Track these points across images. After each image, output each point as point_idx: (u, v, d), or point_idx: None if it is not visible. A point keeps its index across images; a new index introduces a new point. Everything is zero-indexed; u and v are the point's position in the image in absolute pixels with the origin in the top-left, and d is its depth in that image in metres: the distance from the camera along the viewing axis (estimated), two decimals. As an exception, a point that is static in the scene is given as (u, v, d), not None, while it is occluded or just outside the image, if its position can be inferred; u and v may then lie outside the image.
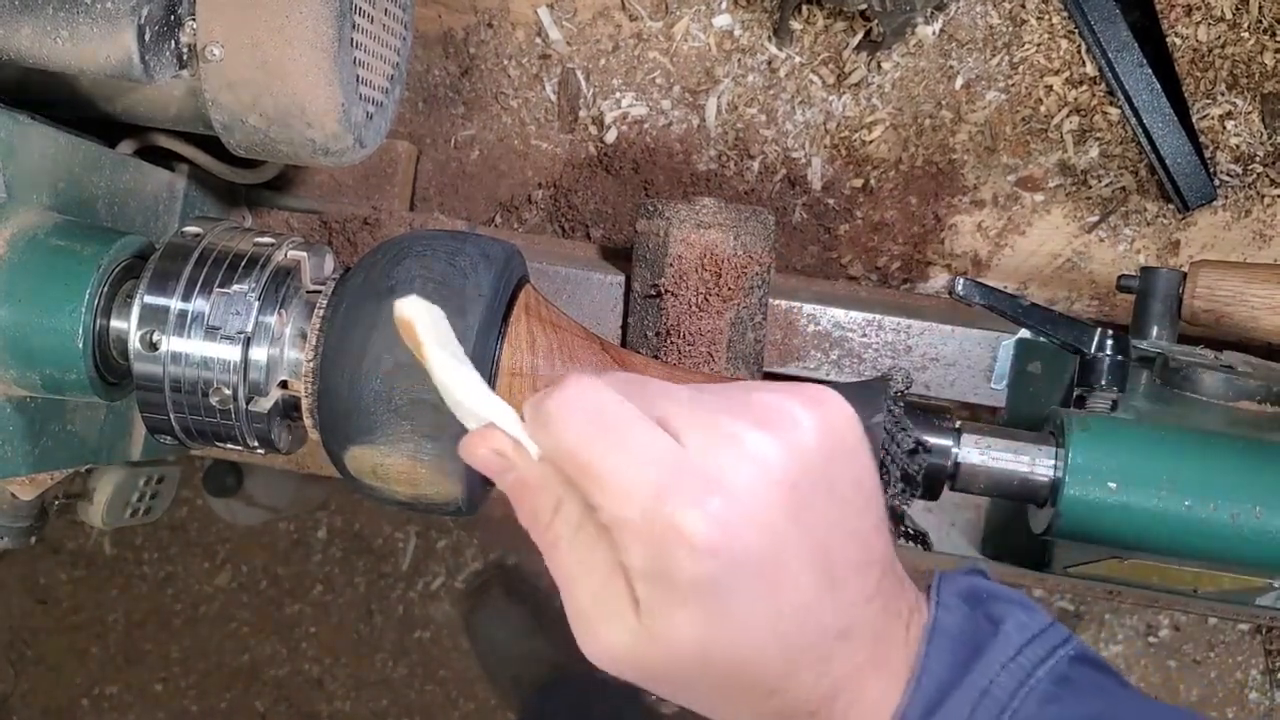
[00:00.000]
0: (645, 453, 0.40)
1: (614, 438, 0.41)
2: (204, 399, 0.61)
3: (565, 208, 1.03)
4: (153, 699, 1.90)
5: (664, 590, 0.40)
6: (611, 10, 1.01)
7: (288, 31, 0.65)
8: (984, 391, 0.90)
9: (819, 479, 0.42)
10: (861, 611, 0.44)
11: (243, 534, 1.87)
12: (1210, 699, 1.75)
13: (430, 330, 0.45)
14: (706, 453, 0.40)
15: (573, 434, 0.41)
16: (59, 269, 0.62)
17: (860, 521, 0.44)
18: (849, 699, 0.44)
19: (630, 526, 0.40)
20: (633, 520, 0.40)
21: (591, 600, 0.42)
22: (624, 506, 0.40)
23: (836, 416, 0.43)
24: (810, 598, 0.42)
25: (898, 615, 0.46)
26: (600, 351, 0.62)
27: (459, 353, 0.45)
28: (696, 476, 0.40)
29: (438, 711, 1.87)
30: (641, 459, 0.40)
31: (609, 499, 0.40)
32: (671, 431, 0.41)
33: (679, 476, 0.40)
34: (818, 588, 0.42)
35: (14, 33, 0.63)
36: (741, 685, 0.43)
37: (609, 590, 0.42)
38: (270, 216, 0.94)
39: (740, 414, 0.42)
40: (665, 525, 0.39)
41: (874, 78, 0.99)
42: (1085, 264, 1.01)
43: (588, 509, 0.42)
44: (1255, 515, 0.65)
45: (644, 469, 0.40)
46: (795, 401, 0.43)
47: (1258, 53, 0.96)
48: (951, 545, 0.92)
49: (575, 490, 0.42)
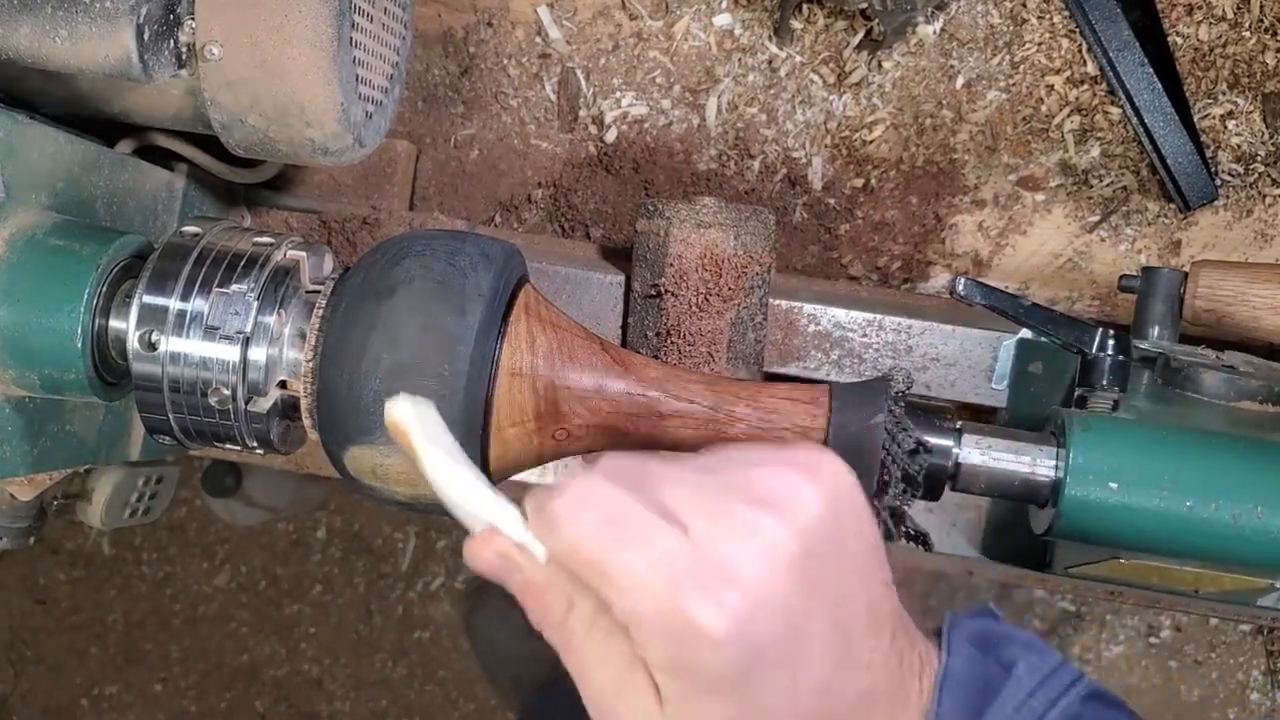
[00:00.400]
0: (655, 548, 0.40)
1: (622, 536, 0.41)
2: (203, 399, 0.61)
3: (565, 207, 1.03)
4: (152, 699, 1.90)
5: (687, 682, 0.41)
6: (612, 9, 1.00)
7: (287, 30, 0.65)
8: (985, 391, 0.90)
9: (827, 549, 0.42)
10: (878, 672, 0.44)
11: (242, 534, 1.87)
12: (1211, 700, 1.75)
13: (421, 430, 0.44)
14: (716, 541, 0.41)
15: (581, 535, 0.41)
16: (58, 268, 0.62)
17: (870, 582, 0.44)
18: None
19: (647, 623, 0.40)
20: (649, 617, 0.40)
21: (613, 692, 0.43)
22: (639, 604, 0.40)
23: (836, 481, 0.44)
24: (830, 670, 0.42)
25: (911, 668, 0.47)
26: (600, 352, 0.62)
27: (455, 450, 0.44)
28: (709, 569, 0.40)
29: (437, 712, 1.87)
30: (652, 555, 0.40)
31: (623, 597, 0.40)
32: (678, 520, 0.41)
33: (692, 570, 0.40)
34: (837, 659, 0.43)
35: (13, 32, 0.62)
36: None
37: (629, 681, 0.42)
38: (269, 216, 0.93)
39: (743, 494, 0.42)
40: (683, 621, 0.39)
41: (875, 77, 0.99)
42: (1086, 264, 1.01)
43: (600, 605, 0.42)
44: (1257, 515, 0.65)
45: (656, 566, 0.40)
46: (794, 474, 0.43)
47: (1259, 52, 0.96)
48: (952, 546, 0.92)
49: (586, 587, 0.42)
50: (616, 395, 0.60)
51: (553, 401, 0.60)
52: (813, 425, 0.59)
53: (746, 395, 0.60)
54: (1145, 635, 1.76)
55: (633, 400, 0.60)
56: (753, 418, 0.59)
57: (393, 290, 0.58)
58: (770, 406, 0.59)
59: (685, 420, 0.60)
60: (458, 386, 0.56)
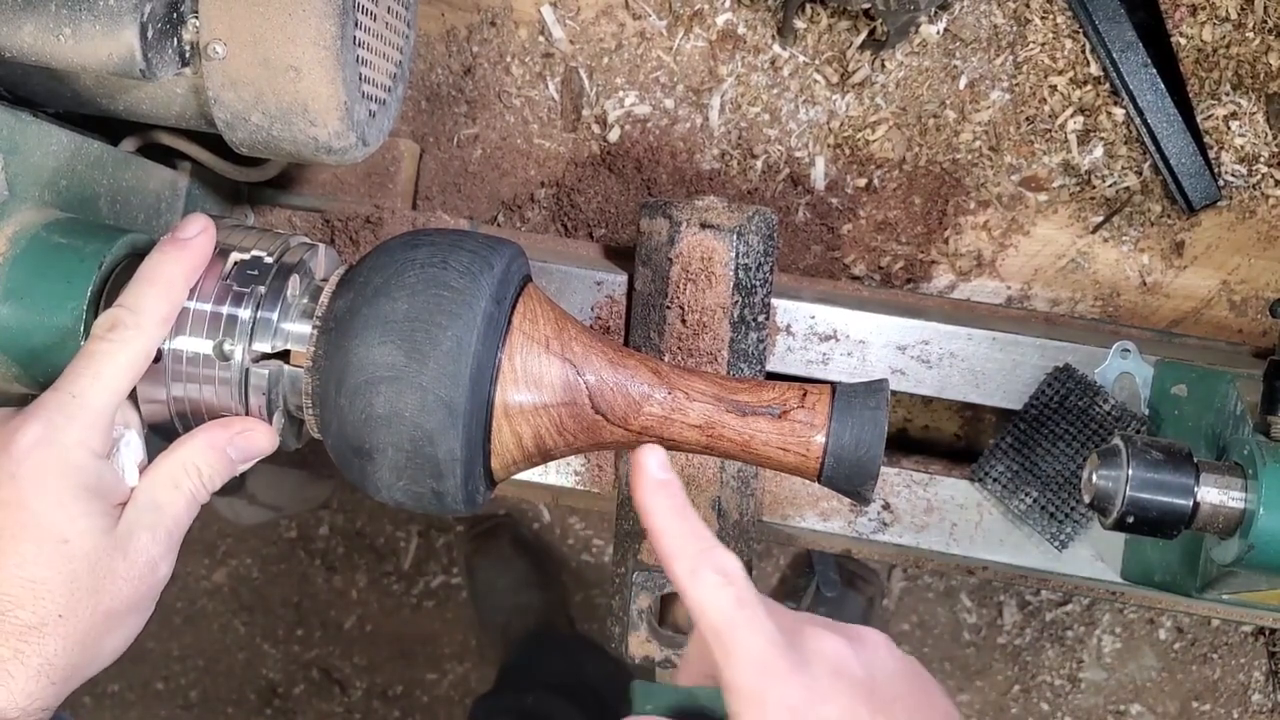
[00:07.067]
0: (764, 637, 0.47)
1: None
2: (205, 397, 0.61)
3: (568, 207, 1.03)
4: (154, 697, 1.90)
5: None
6: (615, 9, 1.00)
7: (290, 29, 0.65)
8: (985, 391, 0.90)
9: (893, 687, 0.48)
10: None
11: (244, 531, 1.87)
12: (1213, 700, 1.75)
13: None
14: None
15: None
16: (61, 266, 0.62)
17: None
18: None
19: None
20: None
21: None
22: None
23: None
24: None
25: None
26: (603, 351, 0.62)
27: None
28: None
29: (440, 709, 1.88)
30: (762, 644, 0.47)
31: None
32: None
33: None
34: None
35: (16, 30, 0.63)
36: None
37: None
38: (272, 214, 0.94)
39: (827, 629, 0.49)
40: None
41: (878, 77, 0.99)
42: (1089, 264, 1.01)
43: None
44: None
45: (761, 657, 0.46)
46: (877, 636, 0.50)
47: (1263, 53, 0.96)
48: (1096, 571, 0.90)
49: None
50: (619, 394, 0.60)
51: (556, 399, 0.60)
52: (815, 424, 0.59)
53: (749, 393, 0.60)
54: (1147, 636, 1.76)
55: (635, 397, 0.60)
56: (755, 416, 0.59)
57: (394, 290, 0.58)
58: (772, 405, 0.59)
59: (687, 418, 0.60)
60: (460, 387, 0.56)
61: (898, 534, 0.91)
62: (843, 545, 0.94)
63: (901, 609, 1.79)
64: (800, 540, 0.95)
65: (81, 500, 0.52)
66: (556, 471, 0.92)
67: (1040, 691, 1.78)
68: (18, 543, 0.51)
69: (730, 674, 0.45)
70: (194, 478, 0.58)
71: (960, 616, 1.79)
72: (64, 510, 0.52)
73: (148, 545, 0.55)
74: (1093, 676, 1.77)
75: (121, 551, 0.53)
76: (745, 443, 0.59)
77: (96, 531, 0.52)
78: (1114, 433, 0.82)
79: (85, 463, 0.53)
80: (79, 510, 0.52)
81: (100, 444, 0.54)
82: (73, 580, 0.51)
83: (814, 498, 0.91)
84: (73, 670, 0.52)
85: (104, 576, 0.53)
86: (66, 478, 0.52)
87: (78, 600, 0.51)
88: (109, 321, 0.56)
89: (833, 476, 0.59)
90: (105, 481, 0.54)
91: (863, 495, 0.59)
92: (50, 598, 0.51)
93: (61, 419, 0.53)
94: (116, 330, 0.55)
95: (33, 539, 0.51)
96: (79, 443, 0.53)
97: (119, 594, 0.53)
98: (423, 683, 1.88)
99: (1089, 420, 0.87)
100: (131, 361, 0.56)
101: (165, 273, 0.57)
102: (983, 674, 1.79)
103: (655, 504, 0.49)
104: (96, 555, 0.52)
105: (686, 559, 0.47)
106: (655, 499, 0.49)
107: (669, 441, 0.60)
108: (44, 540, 0.51)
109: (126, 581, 0.54)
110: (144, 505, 0.56)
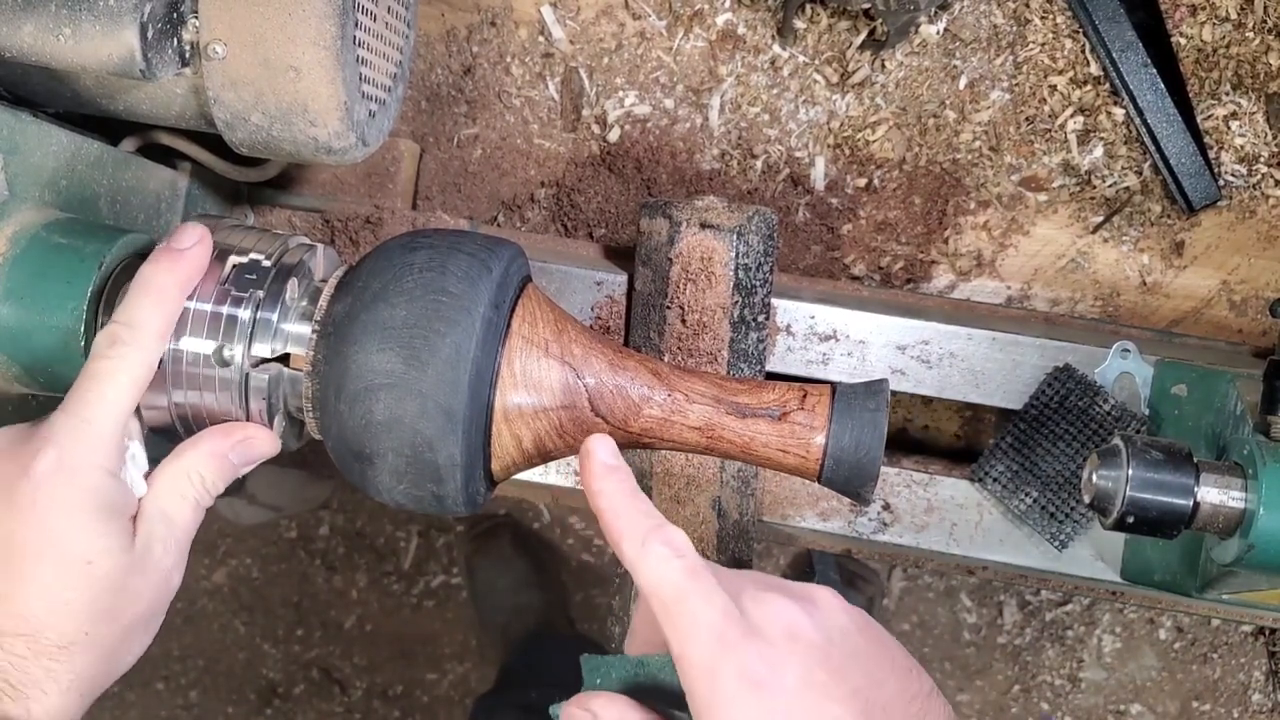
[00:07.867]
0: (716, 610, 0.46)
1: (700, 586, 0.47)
2: (204, 398, 0.61)
3: (568, 207, 1.03)
4: (154, 697, 1.90)
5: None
6: (615, 9, 1.00)
7: (290, 29, 0.65)
8: (985, 391, 0.90)
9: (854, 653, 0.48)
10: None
11: (244, 531, 1.87)
12: (1213, 700, 1.75)
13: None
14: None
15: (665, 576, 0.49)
16: (61, 266, 0.62)
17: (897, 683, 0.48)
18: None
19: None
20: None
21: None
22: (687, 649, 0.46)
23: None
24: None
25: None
26: (602, 351, 0.62)
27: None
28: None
29: (440, 709, 1.88)
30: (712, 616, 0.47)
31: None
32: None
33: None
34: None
35: (16, 30, 0.62)
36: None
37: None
38: (272, 214, 0.94)
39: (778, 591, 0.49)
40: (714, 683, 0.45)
41: (878, 77, 0.99)
42: (1089, 264, 1.01)
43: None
44: None
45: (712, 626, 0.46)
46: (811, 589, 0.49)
47: (1262, 53, 0.96)
48: (1096, 571, 0.90)
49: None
50: (618, 397, 0.60)
51: (555, 402, 0.60)
52: (815, 426, 0.59)
53: (749, 394, 0.60)
54: (1147, 635, 1.76)
55: (635, 399, 0.60)
56: (755, 417, 0.59)
57: (393, 296, 0.58)
58: (772, 407, 0.59)
59: (687, 420, 0.60)
60: (459, 393, 0.56)
61: (898, 534, 0.91)
62: (843, 545, 0.94)
63: (901, 609, 1.79)
64: (800, 540, 0.95)
65: (101, 521, 0.54)
66: (556, 471, 0.92)
67: (1040, 691, 1.78)
68: (44, 566, 0.52)
69: (682, 646, 0.45)
70: (198, 486, 0.59)
71: (960, 616, 1.79)
72: (86, 532, 0.53)
73: (161, 557, 0.56)
74: (1093, 676, 1.77)
75: (140, 567, 0.55)
76: (745, 444, 0.59)
77: (117, 550, 0.54)
78: (1114, 433, 0.82)
79: (101, 483, 0.54)
80: (99, 531, 0.54)
81: (113, 462, 0.56)
82: (97, 599, 0.53)
83: (814, 498, 0.91)
84: (97, 683, 0.54)
85: (124, 592, 0.54)
86: (85, 500, 0.54)
87: (102, 617, 0.53)
88: (108, 339, 0.56)
89: (833, 478, 0.59)
90: (119, 498, 0.56)
91: (863, 496, 0.59)
92: (77, 618, 0.52)
93: (73, 443, 0.54)
94: (116, 347, 0.56)
95: (58, 562, 0.52)
96: (94, 465, 0.54)
97: (138, 607, 0.55)
98: (423, 683, 1.88)
99: (1089, 420, 0.87)
100: (134, 378, 0.56)
101: (160, 284, 0.58)
102: (983, 674, 1.79)
103: (605, 486, 0.50)
104: (118, 573, 0.54)
105: (636, 537, 0.48)
106: (605, 482, 0.50)
107: (669, 443, 0.60)
108: (69, 563, 0.53)
109: (144, 594, 0.55)
110: (155, 518, 0.57)
